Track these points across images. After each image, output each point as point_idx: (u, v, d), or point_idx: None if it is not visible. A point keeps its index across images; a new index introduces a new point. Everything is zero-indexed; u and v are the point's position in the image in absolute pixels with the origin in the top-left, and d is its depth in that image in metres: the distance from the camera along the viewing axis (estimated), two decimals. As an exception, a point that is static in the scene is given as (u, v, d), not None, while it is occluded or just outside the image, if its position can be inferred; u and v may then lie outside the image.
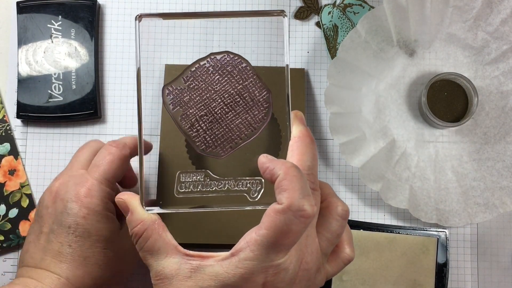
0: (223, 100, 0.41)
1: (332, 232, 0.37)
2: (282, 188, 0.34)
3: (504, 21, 0.54)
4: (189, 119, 0.41)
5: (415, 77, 0.57)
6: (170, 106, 0.41)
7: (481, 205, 0.54)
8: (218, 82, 0.40)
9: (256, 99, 0.41)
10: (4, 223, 0.54)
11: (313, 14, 0.58)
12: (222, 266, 0.34)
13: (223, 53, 0.40)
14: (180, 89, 0.41)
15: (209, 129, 0.41)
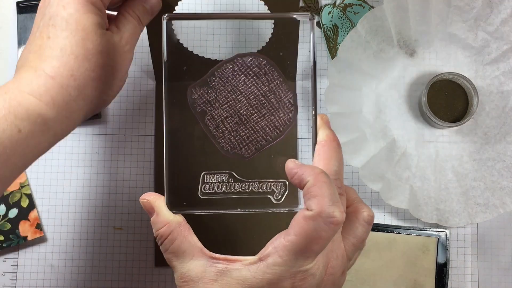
0: (249, 102, 0.41)
1: (357, 237, 0.38)
2: (312, 195, 0.34)
3: (504, 21, 0.54)
4: (214, 120, 0.41)
5: (415, 77, 0.57)
6: (195, 106, 0.41)
7: (481, 205, 0.54)
8: (243, 83, 0.41)
9: (282, 101, 0.41)
10: (4, 223, 0.54)
11: (313, 14, 0.58)
12: (249, 271, 0.35)
13: (249, 55, 0.41)
14: (206, 89, 0.41)
15: (234, 130, 0.41)
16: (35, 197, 0.55)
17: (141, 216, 0.55)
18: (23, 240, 0.54)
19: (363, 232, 0.38)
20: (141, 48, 0.57)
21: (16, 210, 0.54)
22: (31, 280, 0.54)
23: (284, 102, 0.41)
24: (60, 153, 0.56)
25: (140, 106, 0.57)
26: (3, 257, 0.55)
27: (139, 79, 0.57)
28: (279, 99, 0.41)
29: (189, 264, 0.36)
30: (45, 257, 0.55)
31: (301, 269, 0.34)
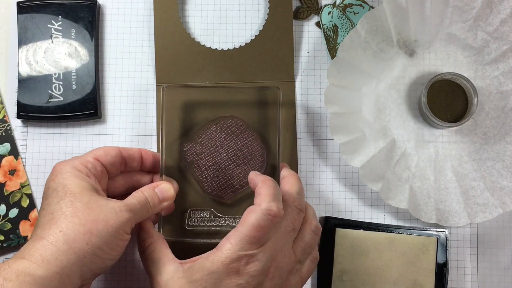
0: (227, 154, 0.51)
1: (305, 242, 0.46)
2: (257, 193, 0.43)
3: (504, 21, 0.54)
4: (200, 168, 0.51)
5: (415, 77, 0.57)
6: (186, 157, 0.51)
7: (480, 205, 0.54)
8: (224, 139, 0.51)
9: (254, 154, 0.51)
10: (4, 223, 0.54)
11: (313, 14, 0.58)
12: (207, 259, 0.42)
13: (229, 117, 0.51)
14: (194, 144, 0.51)
15: (216, 176, 0.51)
16: (35, 197, 0.55)
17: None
18: (23, 240, 0.54)
19: (310, 238, 0.46)
20: (142, 48, 0.57)
21: (16, 210, 0.54)
22: (31, 280, 0.54)
23: (255, 156, 0.51)
24: (60, 153, 0.56)
25: (140, 106, 0.57)
26: (3, 257, 0.55)
27: (139, 79, 0.57)
28: (251, 153, 0.51)
29: (162, 269, 0.44)
30: (45, 257, 0.55)
31: (246, 253, 0.41)
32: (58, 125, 0.56)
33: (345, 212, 0.56)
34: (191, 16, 0.58)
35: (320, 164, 0.57)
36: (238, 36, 0.58)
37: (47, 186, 0.44)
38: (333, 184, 0.56)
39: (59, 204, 0.42)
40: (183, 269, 0.43)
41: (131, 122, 0.56)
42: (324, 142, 0.57)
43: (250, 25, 0.58)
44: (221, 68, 0.56)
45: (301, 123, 0.57)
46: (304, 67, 0.57)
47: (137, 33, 0.57)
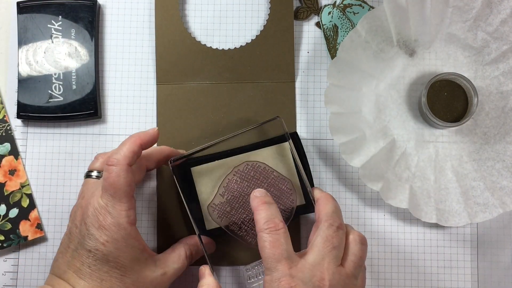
0: None
1: (355, 255, 0.46)
2: (255, 221, 0.45)
3: (504, 21, 0.54)
4: (236, 224, 0.50)
5: (415, 77, 0.57)
6: (218, 219, 0.50)
7: (481, 205, 0.54)
8: (247, 187, 0.50)
9: (282, 189, 0.50)
10: (5, 223, 0.54)
11: (313, 14, 0.58)
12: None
13: (243, 164, 0.50)
14: (221, 203, 0.50)
15: (254, 225, 0.47)
16: (35, 197, 0.55)
17: (141, 216, 0.55)
18: (23, 240, 0.54)
19: (358, 250, 0.46)
20: (142, 48, 0.57)
21: (16, 210, 0.54)
22: (31, 280, 0.55)
23: (283, 190, 0.50)
24: (60, 153, 0.56)
25: (140, 106, 0.57)
26: (4, 257, 0.55)
27: (139, 79, 0.57)
28: (278, 188, 0.50)
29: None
30: (45, 257, 0.55)
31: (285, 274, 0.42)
32: (58, 125, 0.56)
33: (345, 212, 0.56)
34: (192, 16, 0.58)
35: (320, 164, 0.57)
36: (239, 36, 0.58)
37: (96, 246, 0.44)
38: (333, 184, 0.56)
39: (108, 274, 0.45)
40: None
41: (131, 122, 0.56)
42: (324, 142, 0.57)
43: (250, 25, 0.58)
44: (221, 68, 0.56)
45: (301, 123, 0.57)
46: (304, 67, 0.57)
47: (137, 33, 0.57)
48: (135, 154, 0.46)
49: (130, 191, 0.45)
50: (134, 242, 0.45)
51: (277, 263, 0.43)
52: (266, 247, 0.43)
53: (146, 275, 0.46)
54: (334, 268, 0.44)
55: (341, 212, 0.47)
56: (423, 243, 0.56)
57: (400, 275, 0.56)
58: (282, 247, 0.43)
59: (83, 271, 0.45)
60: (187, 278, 0.55)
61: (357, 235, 0.47)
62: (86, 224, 0.45)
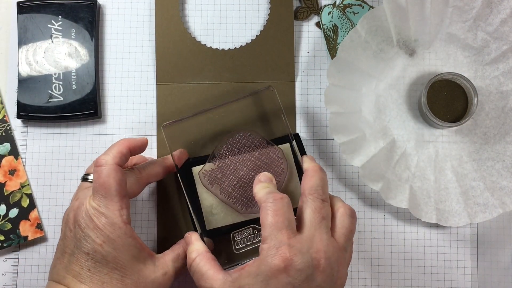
0: (247, 167, 0.50)
1: (346, 228, 0.46)
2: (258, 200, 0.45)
3: (504, 21, 0.54)
4: (226, 190, 0.50)
5: (415, 77, 0.57)
6: (208, 185, 0.50)
7: (481, 205, 0.54)
8: (238, 155, 0.50)
9: (272, 158, 0.50)
10: (5, 223, 0.54)
11: (313, 14, 0.58)
12: (252, 265, 0.42)
13: (235, 133, 0.50)
14: (212, 170, 0.50)
15: (244, 193, 0.50)
16: (35, 197, 0.55)
17: (141, 216, 0.55)
18: (23, 240, 0.54)
19: (349, 223, 0.46)
20: (142, 48, 0.57)
21: (16, 210, 0.54)
22: (31, 280, 0.55)
23: (274, 158, 0.50)
24: (60, 153, 0.56)
25: (140, 106, 0.57)
26: (4, 257, 0.55)
27: (139, 79, 0.57)
28: (269, 157, 0.50)
29: (212, 280, 0.44)
30: (45, 257, 0.55)
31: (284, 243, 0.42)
32: (58, 125, 0.56)
33: (345, 212, 0.56)
34: (192, 16, 0.58)
35: (320, 164, 0.57)
36: (239, 36, 0.58)
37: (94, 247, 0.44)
38: (333, 184, 0.56)
39: (109, 276, 0.44)
40: (231, 279, 0.43)
41: (131, 122, 0.56)
42: (324, 142, 0.57)
43: (250, 25, 0.58)
44: (221, 67, 0.56)
45: (301, 123, 0.57)
46: (304, 67, 0.57)
47: (137, 33, 0.57)
48: (124, 155, 0.46)
49: (121, 190, 0.45)
50: (131, 241, 0.45)
51: (278, 232, 0.42)
52: (269, 215, 0.43)
53: (147, 275, 0.46)
54: (327, 239, 0.44)
55: (328, 184, 0.47)
56: (423, 243, 0.56)
57: (400, 275, 0.56)
58: (285, 216, 0.43)
59: (83, 275, 0.44)
60: (187, 278, 0.55)
61: (348, 208, 0.46)
62: (81, 226, 0.44)
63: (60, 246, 0.46)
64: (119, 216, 0.44)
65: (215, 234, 0.51)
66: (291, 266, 0.41)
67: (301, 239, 0.43)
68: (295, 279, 0.41)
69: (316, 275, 0.42)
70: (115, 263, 0.44)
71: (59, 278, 0.45)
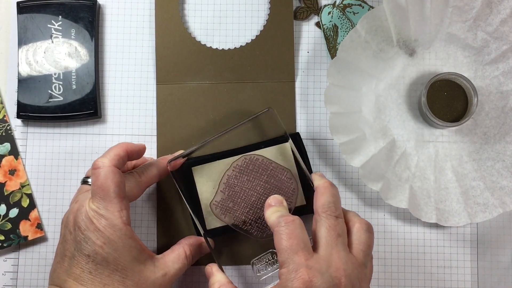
0: (258, 192, 0.50)
1: (363, 243, 0.45)
2: (267, 219, 0.45)
3: (504, 21, 0.54)
4: (239, 219, 0.50)
5: (415, 77, 0.57)
6: (221, 216, 0.50)
7: (481, 205, 0.54)
8: (247, 181, 0.50)
9: (282, 179, 0.50)
10: (5, 223, 0.54)
11: (313, 14, 0.58)
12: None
13: (241, 158, 0.50)
14: (222, 200, 0.50)
15: (258, 218, 0.50)
16: (35, 197, 0.55)
17: (141, 216, 0.55)
18: (23, 240, 0.54)
19: (367, 238, 0.45)
20: (142, 48, 0.57)
21: (16, 210, 0.54)
22: (31, 280, 0.55)
23: (284, 180, 0.50)
24: (60, 153, 0.56)
25: (140, 106, 0.57)
26: (4, 257, 0.55)
27: (139, 79, 0.57)
28: (278, 179, 0.50)
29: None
30: (45, 257, 0.55)
31: (302, 265, 0.41)
32: (58, 125, 0.56)
33: (345, 212, 0.56)
34: (192, 16, 0.58)
35: (320, 164, 0.57)
36: (239, 36, 0.58)
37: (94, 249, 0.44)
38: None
39: (110, 278, 0.44)
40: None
41: (131, 122, 0.56)
42: (324, 142, 0.57)
43: (250, 25, 0.58)
44: (221, 67, 0.56)
45: (301, 123, 0.57)
46: (304, 67, 0.57)
47: (137, 33, 0.57)
48: (121, 158, 0.46)
49: (120, 191, 0.45)
50: (131, 242, 0.45)
51: (294, 255, 0.41)
52: (283, 239, 0.42)
53: (147, 276, 0.46)
54: (346, 256, 0.43)
55: (340, 200, 0.46)
56: (423, 243, 0.56)
57: (400, 275, 0.56)
58: (299, 238, 0.42)
59: (84, 277, 0.44)
60: (187, 278, 0.55)
61: (364, 223, 0.46)
62: (81, 229, 0.44)
63: (59, 250, 0.46)
64: (119, 217, 0.44)
65: (215, 233, 0.51)
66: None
67: (319, 259, 0.42)
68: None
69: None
70: (115, 265, 0.44)
71: (60, 282, 0.45)
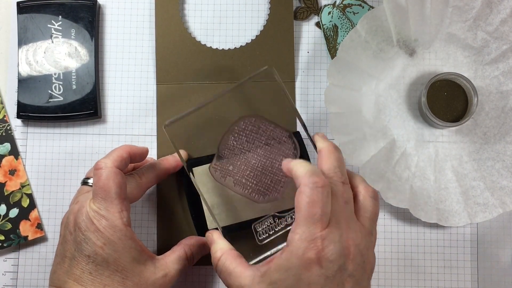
0: (258, 154, 0.49)
1: (369, 211, 0.44)
2: (295, 176, 0.41)
3: (504, 21, 0.54)
4: (240, 182, 0.49)
5: (415, 77, 0.57)
6: (221, 179, 0.49)
7: (481, 205, 0.54)
8: (246, 142, 0.49)
9: (282, 141, 0.49)
10: (5, 223, 0.54)
11: (313, 14, 0.58)
12: (281, 258, 0.40)
13: (239, 120, 0.49)
14: (221, 163, 0.49)
15: (259, 181, 0.48)
16: (35, 197, 0.55)
17: (141, 216, 0.55)
18: (23, 240, 0.54)
19: (373, 205, 0.44)
20: (142, 48, 0.57)
21: (16, 210, 0.54)
22: (31, 280, 0.55)
23: (284, 141, 0.49)
24: (60, 153, 0.56)
25: (140, 106, 0.57)
26: (4, 257, 0.55)
27: (139, 79, 0.57)
28: (279, 140, 0.49)
29: (240, 278, 0.43)
30: (45, 257, 0.55)
31: (317, 236, 0.39)
32: (58, 125, 0.56)
33: (345, 212, 0.56)
34: (192, 16, 0.58)
35: (320, 164, 0.57)
36: (239, 36, 0.58)
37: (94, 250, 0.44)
38: (333, 184, 0.56)
39: (110, 278, 0.44)
40: (260, 274, 0.41)
41: (131, 122, 0.56)
42: (324, 142, 0.57)
43: (250, 25, 0.58)
44: (221, 67, 0.56)
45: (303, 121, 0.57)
46: (304, 67, 0.57)
47: (137, 33, 0.57)
48: (124, 160, 0.46)
49: (122, 193, 0.45)
50: (132, 243, 0.45)
51: (312, 225, 0.39)
52: (307, 205, 0.39)
53: (147, 277, 0.46)
54: (354, 225, 0.42)
55: (345, 163, 0.44)
56: (423, 243, 0.56)
57: (400, 275, 0.56)
58: (323, 208, 0.40)
59: (84, 278, 0.44)
60: (187, 278, 0.55)
61: (370, 190, 0.44)
62: (81, 229, 0.44)
63: (59, 251, 0.46)
64: (120, 218, 0.44)
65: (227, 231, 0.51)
66: (324, 258, 0.39)
67: (331, 228, 0.40)
68: (328, 270, 0.39)
69: (347, 264, 0.40)
70: (116, 266, 0.44)
71: (60, 283, 0.45)
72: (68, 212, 0.47)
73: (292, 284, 0.40)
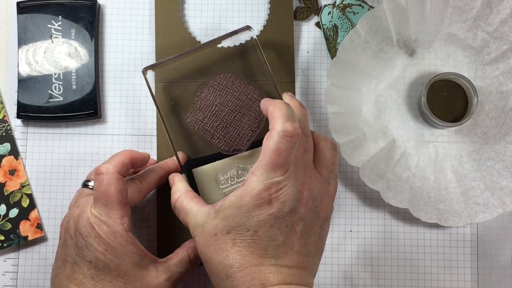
0: (229, 108, 0.51)
1: (328, 160, 0.46)
2: (271, 117, 0.43)
3: (504, 21, 0.54)
4: (208, 131, 0.51)
5: (415, 77, 0.57)
6: (191, 127, 0.51)
7: (481, 205, 0.54)
8: (219, 96, 0.51)
9: (253, 98, 0.51)
10: (5, 223, 0.54)
11: (313, 14, 0.58)
12: (236, 196, 0.42)
13: (216, 75, 0.51)
14: (193, 111, 0.51)
15: (227, 133, 0.51)
16: (35, 197, 0.55)
17: (141, 216, 0.55)
18: (23, 240, 0.54)
19: (331, 155, 0.46)
20: (142, 48, 0.57)
21: (16, 210, 0.54)
22: (31, 280, 0.55)
23: (255, 98, 0.51)
24: (60, 153, 0.56)
25: (140, 106, 0.57)
26: (4, 257, 0.55)
27: (139, 79, 0.57)
28: (250, 98, 0.51)
29: (196, 215, 0.44)
30: (45, 257, 0.55)
31: (274, 180, 0.41)
32: (58, 125, 0.56)
33: (345, 211, 0.56)
34: (192, 16, 0.58)
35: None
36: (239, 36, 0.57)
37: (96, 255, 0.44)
38: (333, 184, 0.56)
39: (112, 284, 0.44)
40: (215, 210, 0.43)
41: (131, 122, 0.56)
42: (324, 142, 0.57)
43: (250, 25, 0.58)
44: (221, 67, 0.56)
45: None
46: (304, 67, 0.57)
47: (137, 33, 0.57)
48: (125, 165, 0.47)
49: (123, 198, 0.45)
50: (133, 248, 0.45)
51: (271, 171, 0.41)
52: (272, 152, 0.41)
53: (150, 281, 0.46)
54: (310, 172, 0.44)
55: (309, 120, 0.46)
56: (423, 243, 0.56)
57: (400, 275, 0.56)
58: (288, 158, 0.42)
59: (86, 283, 0.44)
60: (188, 278, 0.55)
61: (329, 142, 0.47)
62: (82, 235, 0.44)
63: (60, 255, 0.46)
64: (120, 224, 0.44)
65: None
66: (276, 199, 0.41)
67: (288, 174, 0.42)
68: (279, 211, 0.41)
69: (299, 207, 0.42)
70: (117, 271, 0.44)
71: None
72: (68, 216, 0.47)
73: (243, 221, 0.41)
